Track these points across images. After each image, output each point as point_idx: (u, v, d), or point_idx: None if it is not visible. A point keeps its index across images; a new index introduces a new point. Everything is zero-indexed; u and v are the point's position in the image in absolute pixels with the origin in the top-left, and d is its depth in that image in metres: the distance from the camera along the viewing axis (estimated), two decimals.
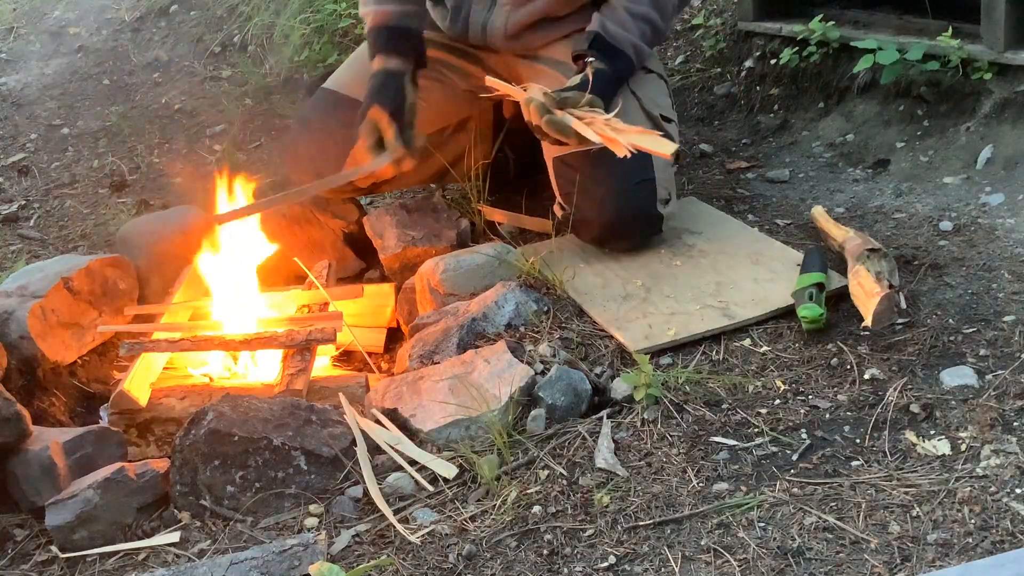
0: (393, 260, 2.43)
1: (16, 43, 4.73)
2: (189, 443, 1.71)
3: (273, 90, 3.76)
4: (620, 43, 2.23)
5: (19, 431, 1.82)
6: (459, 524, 1.60)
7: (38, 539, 1.74)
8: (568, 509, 1.60)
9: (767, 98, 2.97)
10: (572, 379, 1.83)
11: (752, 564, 1.44)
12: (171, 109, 3.84)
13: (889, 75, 2.55)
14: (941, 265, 2.08)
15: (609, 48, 2.22)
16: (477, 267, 2.15)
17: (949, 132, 2.54)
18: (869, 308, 1.84)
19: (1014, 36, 2.42)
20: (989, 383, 1.72)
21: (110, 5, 4.83)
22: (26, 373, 2.12)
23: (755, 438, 1.69)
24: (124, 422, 2.03)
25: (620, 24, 2.23)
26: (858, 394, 1.76)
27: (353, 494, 1.69)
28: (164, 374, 2.20)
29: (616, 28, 2.23)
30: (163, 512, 1.72)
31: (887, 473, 1.57)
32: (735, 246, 2.24)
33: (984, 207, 2.30)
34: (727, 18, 3.21)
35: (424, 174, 2.67)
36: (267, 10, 4.10)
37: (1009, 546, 1.39)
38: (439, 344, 2.00)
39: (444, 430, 1.78)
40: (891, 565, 1.40)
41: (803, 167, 2.69)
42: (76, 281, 2.29)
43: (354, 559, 1.56)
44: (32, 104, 4.10)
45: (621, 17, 2.24)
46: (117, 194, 3.24)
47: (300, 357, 2.09)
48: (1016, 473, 1.52)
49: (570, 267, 2.19)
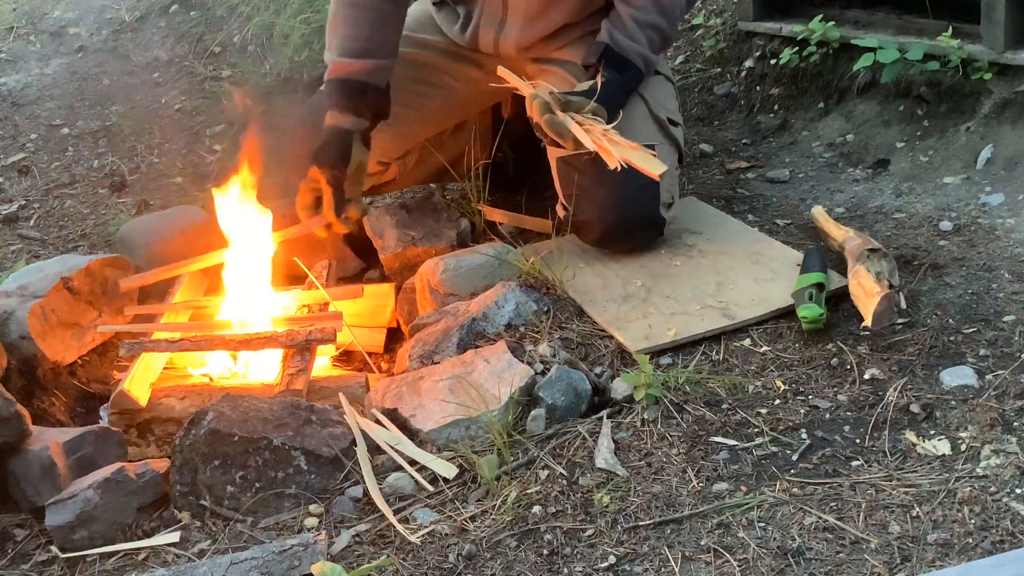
0: (393, 260, 2.43)
1: (16, 43, 4.73)
2: (189, 443, 1.71)
3: (273, 90, 3.75)
4: (629, 54, 2.23)
5: (19, 431, 1.82)
6: (459, 524, 1.60)
7: (38, 539, 1.74)
8: (568, 509, 1.60)
9: (767, 98, 2.97)
10: (572, 379, 1.83)
11: (752, 564, 1.44)
12: (171, 109, 3.84)
13: (889, 74, 2.55)
14: (941, 265, 2.08)
15: (618, 60, 2.23)
16: (477, 267, 2.15)
17: (949, 132, 2.54)
18: (869, 308, 1.84)
19: (1014, 36, 2.42)
20: (989, 383, 1.72)
21: (110, 5, 4.83)
22: (26, 373, 2.12)
23: (755, 438, 1.69)
24: (124, 422, 2.03)
25: (628, 35, 2.23)
26: (858, 394, 1.76)
27: (353, 494, 1.69)
28: (164, 374, 2.20)
29: (624, 39, 2.23)
30: (163, 512, 1.72)
31: (887, 473, 1.57)
32: (735, 246, 2.24)
33: (984, 207, 2.30)
34: (727, 18, 3.21)
35: (424, 174, 2.68)
36: (267, 10, 4.10)
37: (1009, 546, 1.39)
38: (439, 344, 2.00)
39: (444, 430, 1.78)
40: (891, 565, 1.40)
41: (803, 167, 2.69)
42: (76, 281, 2.29)
43: (354, 559, 1.56)
44: (32, 104, 4.10)
45: (629, 27, 2.24)
46: (117, 194, 3.24)
47: (300, 357, 2.09)
48: (1016, 473, 1.52)
49: (570, 267, 2.18)
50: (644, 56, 2.25)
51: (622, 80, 2.22)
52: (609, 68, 2.22)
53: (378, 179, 2.53)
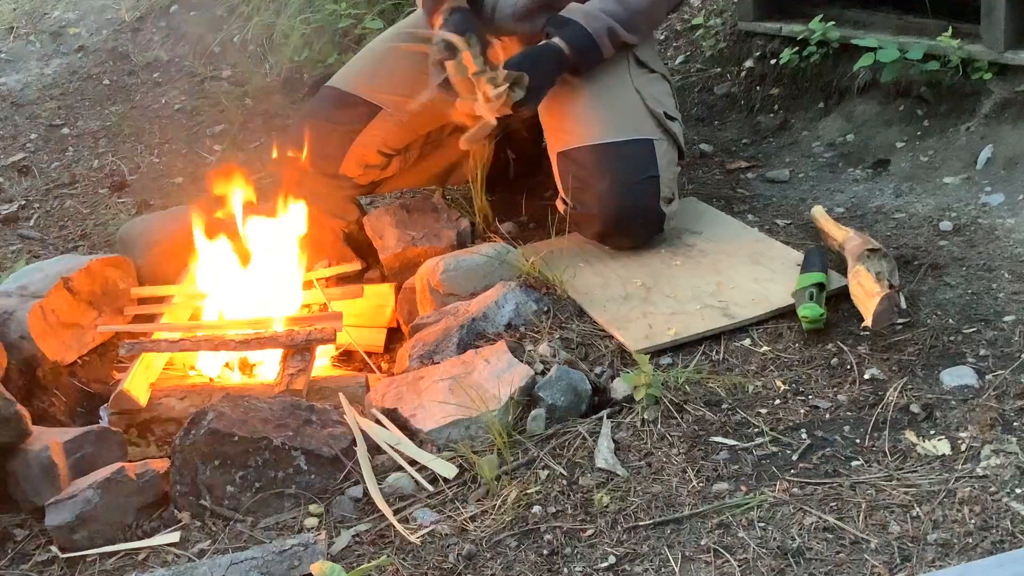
0: (393, 260, 2.43)
1: (16, 43, 4.73)
2: (189, 443, 1.71)
3: (273, 90, 3.75)
4: (571, 12, 2.24)
5: (19, 431, 1.82)
6: (459, 524, 1.60)
7: (38, 539, 1.74)
8: (568, 509, 1.60)
9: (767, 98, 2.97)
10: (572, 379, 1.83)
11: (752, 564, 1.44)
12: (171, 109, 3.84)
13: (889, 73, 2.55)
14: (941, 265, 2.08)
15: (560, 20, 2.25)
16: (477, 267, 2.15)
17: (949, 132, 2.54)
18: (869, 308, 1.84)
19: (1014, 36, 2.42)
20: (989, 383, 1.72)
21: (110, 5, 4.83)
22: (26, 373, 2.12)
23: (755, 438, 1.69)
24: (124, 422, 2.03)
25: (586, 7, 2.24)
26: (858, 394, 1.76)
27: (353, 494, 1.69)
28: (164, 374, 2.20)
29: (577, 5, 2.25)
30: (163, 512, 1.72)
31: (887, 473, 1.57)
32: (735, 246, 2.24)
33: (984, 207, 2.30)
34: (727, 18, 3.21)
35: (424, 175, 2.68)
36: (267, 10, 4.10)
37: (1009, 546, 1.39)
38: (439, 344, 2.00)
39: (444, 430, 1.78)
40: (891, 565, 1.40)
41: (803, 167, 2.69)
42: (76, 281, 2.29)
43: (354, 559, 1.56)
44: (32, 104, 4.10)
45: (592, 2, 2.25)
46: (117, 194, 3.24)
47: (300, 357, 2.09)
48: (1016, 473, 1.52)
49: (570, 267, 2.18)
50: (588, 14, 2.23)
51: (565, 41, 2.22)
52: (551, 27, 2.24)
53: (379, 173, 2.53)
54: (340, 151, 2.45)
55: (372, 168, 2.50)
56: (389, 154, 2.51)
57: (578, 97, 2.28)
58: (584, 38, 2.24)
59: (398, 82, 2.39)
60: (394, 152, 2.51)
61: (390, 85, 2.43)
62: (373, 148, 2.45)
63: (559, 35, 2.23)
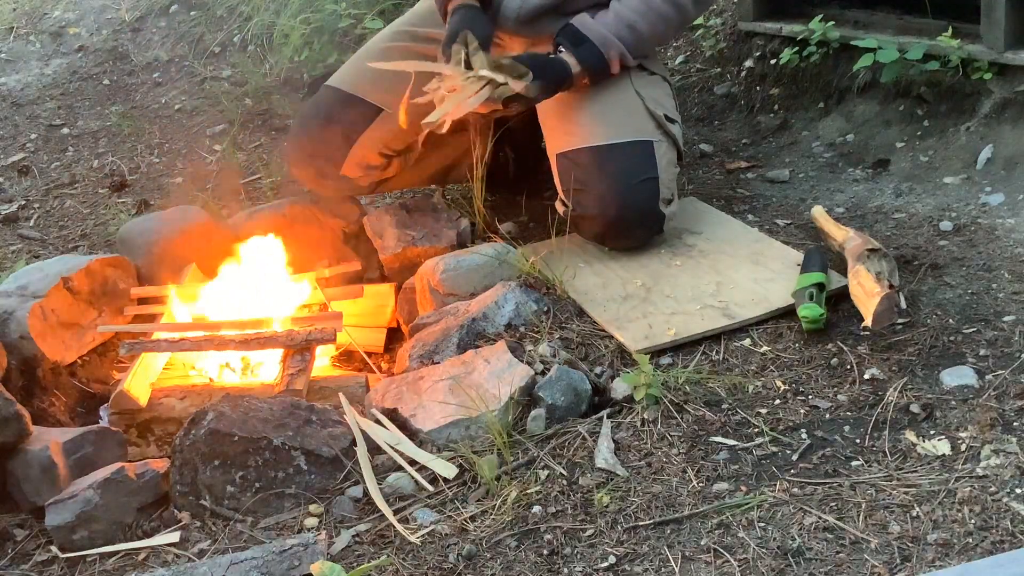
0: (393, 260, 2.43)
1: (16, 43, 4.73)
2: (189, 443, 1.71)
3: (273, 90, 3.75)
4: (589, 32, 2.23)
5: (19, 431, 1.82)
6: (459, 524, 1.60)
7: (38, 539, 1.74)
8: (568, 509, 1.60)
9: (767, 98, 2.97)
10: (572, 379, 1.83)
11: (752, 564, 1.44)
12: (171, 109, 3.84)
13: (889, 73, 2.55)
14: (941, 265, 2.08)
15: (575, 35, 2.24)
16: (477, 267, 2.15)
17: (949, 132, 2.54)
18: (869, 308, 1.84)
19: (1014, 36, 2.42)
20: (989, 383, 1.72)
21: (110, 5, 4.83)
22: (26, 373, 2.12)
23: (755, 438, 1.69)
24: (124, 422, 2.03)
25: (601, 21, 2.24)
26: (858, 394, 1.76)
27: (353, 494, 1.69)
28: (164, 374, 2.20)
29: (592, 22, 2.24)
30: (163, 512, 1.72)
31: (887, 473, 1.57)
32: (735, 246, 2.24)
33: (984, 207, 2.30)
34: (727, 18, 3.21)
35: (424, 175, 2.68)
36: (267, 10, 4.10)
37: (1009, 546, 1.39)
38: (439, 344, 2.00)
39: (444, 430, 1.78)
40: (891, 565, 1.40)
41: (803, 167, 2.69)
42: (76, 281, 2.29)
43: (354, 559, 1.56)
44: (32, 104, 4.10)
45: (607, 17, 2.25)
46: (117, 194, 3.24)
47: (300, 357, 2.09)
48: (1016, 473, 1.52)
49: (570, 267, 2.19)
50: (603, 36, 2.23)
51: (579, 58, 2.22)
52: (564, 40, 2.24)
53: (380, 174, 2.53)
54: (341, 153, 2.45)
55: (373, 170, 2.49)
56: (390, 155, 2.51)
57: (578, 99, 2.28)
58: (598, 63, 2.25)
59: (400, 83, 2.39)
60: (395, 153, 2.51)
61: (392, 86, 2.43)
62: (374, 150, 2.45)
63: (574, 54, 2.23)
